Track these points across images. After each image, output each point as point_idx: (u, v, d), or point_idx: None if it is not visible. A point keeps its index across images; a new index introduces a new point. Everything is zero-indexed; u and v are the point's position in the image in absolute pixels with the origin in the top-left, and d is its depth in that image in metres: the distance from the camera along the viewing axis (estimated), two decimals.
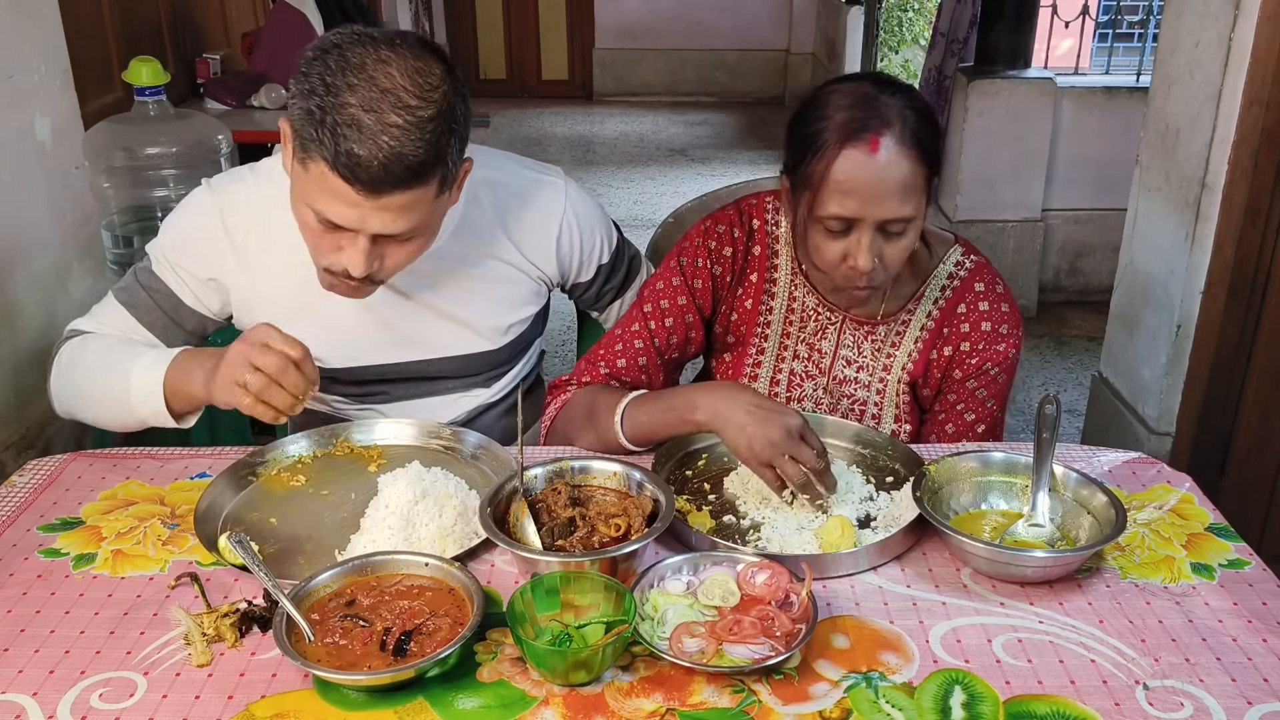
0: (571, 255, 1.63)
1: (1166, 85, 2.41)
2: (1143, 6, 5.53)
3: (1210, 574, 1.22)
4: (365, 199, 1.24)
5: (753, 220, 1.59)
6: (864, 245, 1.36)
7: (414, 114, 1.22)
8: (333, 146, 1.21)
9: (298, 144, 1.26)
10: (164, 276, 1.53)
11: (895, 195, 1.34)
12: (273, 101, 3.70)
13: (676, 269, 1.58)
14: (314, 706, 1.02)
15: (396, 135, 1.21)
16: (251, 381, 1.28)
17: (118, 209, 2.64)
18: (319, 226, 1.30)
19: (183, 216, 1.54)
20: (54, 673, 1.07)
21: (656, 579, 1.17)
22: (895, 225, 1.36)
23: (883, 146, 1.33)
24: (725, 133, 7.36)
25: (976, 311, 1.53)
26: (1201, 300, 2.32)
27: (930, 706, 1.02)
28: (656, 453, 1.43)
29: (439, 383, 1.62)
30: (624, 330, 1.58)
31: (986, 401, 1.54)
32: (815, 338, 1.59)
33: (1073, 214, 4.34)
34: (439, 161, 1.26)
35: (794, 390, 1.62)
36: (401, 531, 1.23)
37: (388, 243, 1.32)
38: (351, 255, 1.30)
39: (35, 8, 2.47)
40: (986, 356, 1.52)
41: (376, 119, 1.20)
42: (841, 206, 1.35)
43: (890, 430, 1.58)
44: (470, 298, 1.57)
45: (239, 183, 1.52)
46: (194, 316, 1.55)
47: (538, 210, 1.59)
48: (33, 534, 1.30)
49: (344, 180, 1.22)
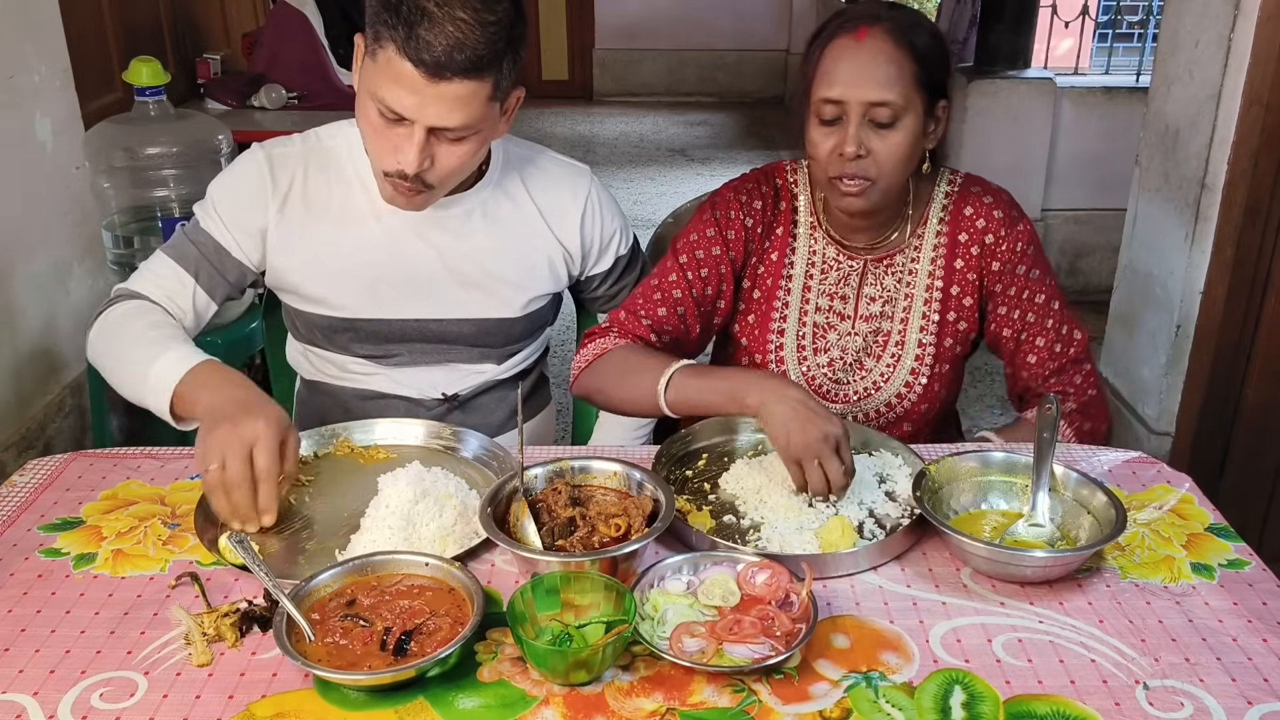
0: (593, 237, 1.70)
1: (1166, 85, 2.41)
2: (1143, 6, 5.53)
3: (1210, 574, 1.22)
4: (427, 83, 1.35)
5: (776, 179, 1.66)
6: (850, 132, 1.43)
7: (478, 14, 1.35)
8: (404, 31, 1.33)
9: (371, 36, 1.39)
10: (210, 229, 1.59)
11: (878, 78, 1.42)
12: (273, 102, 3.70)
13: (711, 220, 1.62)
14: (314, 706, 1.03)
15: (461, 28, 1.34)
16: (209, 475, 1.25)
17: (118, 209, 2.64)
18: (381, 121, 1.41)
19: (233, 171, 1.62)
20: (54, 672, 1.07)
21: (656, 579, 1.17)
22: (881, 112, 1.42)
23: (869, 35, 1.43)
24: (725, 133, 7.36)
25: (983, 205, 1.59)
26: (1201, 300, 2.32)
27: (930, 706, 1.02)
28: (657, 453, 1.43)
29: (453, 348, 1.66)
30: (661, 281, 1.62)
31: (1045, 279, 1.58)
32: (837, 287, 1.63)
33: (1072, 214, 4.34)
34: (495, 62, 1.38)
35: (818, 342, 1.64)
36: (402, 531, 1.23)
37: (439, 141, 1.42)
38: (406, 150, 1.41)
39: (35, 8, 2.47)
40: (1015, 237, 1.57)
41: (446, 12, 1.34)
42: (829, 90, 1.44)
43: (915, 354, 1.61)
44: (498, 262, 1.63)
45: (289, 141, 1.63)
46: (237, 268, 1.60)
47: (566, 189, 1.68)
48: (33, 534, 1.30)
49: (410, 62, 1.34)
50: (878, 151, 1.44)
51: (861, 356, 1.63)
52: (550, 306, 1.75)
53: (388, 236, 1.58)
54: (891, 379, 1.62)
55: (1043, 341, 1.58)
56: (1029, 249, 1.58)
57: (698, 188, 5.40)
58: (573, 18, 8.14)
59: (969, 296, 1.61)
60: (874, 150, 1.44)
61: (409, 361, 1.66)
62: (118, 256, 2.62)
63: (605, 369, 1.57)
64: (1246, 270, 2.27)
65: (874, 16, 1.44)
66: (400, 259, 1.59)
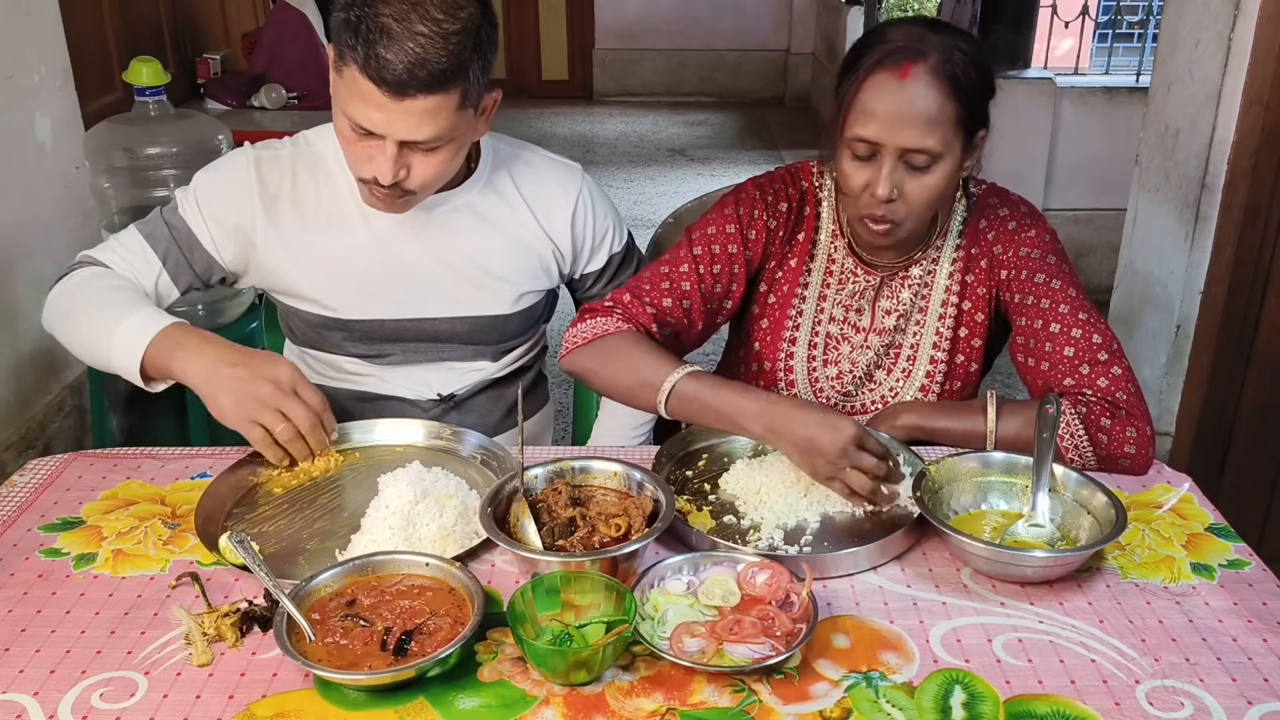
0: (585, 235, 1.69)
1: (1166, 85, 2.41)
2: (1143, 6, 5.53)
3: (1210, 574, 1.22)
4: (391, 101, 1.34)
5: (802, 181, 1.61)
6: (884, 173, 1.37)
7: (440, 26, 1.33)
8: (364, 51, 1.32)
9: (336, 54, 1.37)
10: (187, 216, 1.58)
11: (918, 124, 1.35)
12: (273, 102, 3.70)
13: (733, 216, 1.58)
14: (315, 706, 1.03)
15: (421, 43, 1.32)
16: (282, 431, 1.37)
17: (118, 209, 2.64)
18: (353, 135, 1.40)
19: (219, 165, 1.61)
20: (55, 672, 1.07)
21: (657, 579, 1.17)
22: (918, 158, 1.37)
23: (912, 74, 1.35)
24: (725, 133, 7.36)
25: (997, 218, 1.55)
26: (1201, 300, 2.32)
27: (930, 706, 1.02)
28: (657, 453, 1.43)
29: (448, 347, 1.66)
30: (671, 270, 1.56)
31: (1068, 289, 1.47)
32: (853, 299, 1.59)
33: (1072, 214, 4.34)
34: (460, 73, 1.36)
35: (830, 353, 1.61)
36: (402, 531, 1.23)
37: (413, 152, 1.41)
38: (380, 162, 1.40)
39: (35, 8, 2.47)
40: (1022, 243, 1.51)
41: (405, 28, 1.32)
42: (865, 128, 1.37)
43: (925, 371, 1.57)
44: (489, 259, 1.62)
45: (278, 144, 1.62)
46: (205, 259, 1.59)
47: (557, 186, 1.67)
48: (33, 534, 1.30)
49: (372, 82, 1.33)
50: (911, 194, 1.39)
51: (872, 370, 1.61)
52: (544, 302, 1.74)
53: (377, 237, 1.58)
54: (901, 394, 1.59)
55: (1058, 348, 1.44)
56: (1041, 255, 1.50)
57: (698, 188, 5.41)
58: (573, 18, 8.14)
59: (981, 312, 1.56)
60: (907, 193, 1.39)
61: (403, 360, 1.66)
62: None
63: (605, 353, 1.49)
64: (1246, 270, 2.27)
65: (918, 51, 1.35)
66: (390, 259, 1.59)
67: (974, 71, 1.37)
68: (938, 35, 1.37)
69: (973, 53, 1.38)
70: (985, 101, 1.41)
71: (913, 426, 1.48)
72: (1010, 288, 1.52)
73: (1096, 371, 1.42)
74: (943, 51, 1.35)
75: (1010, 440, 1.40)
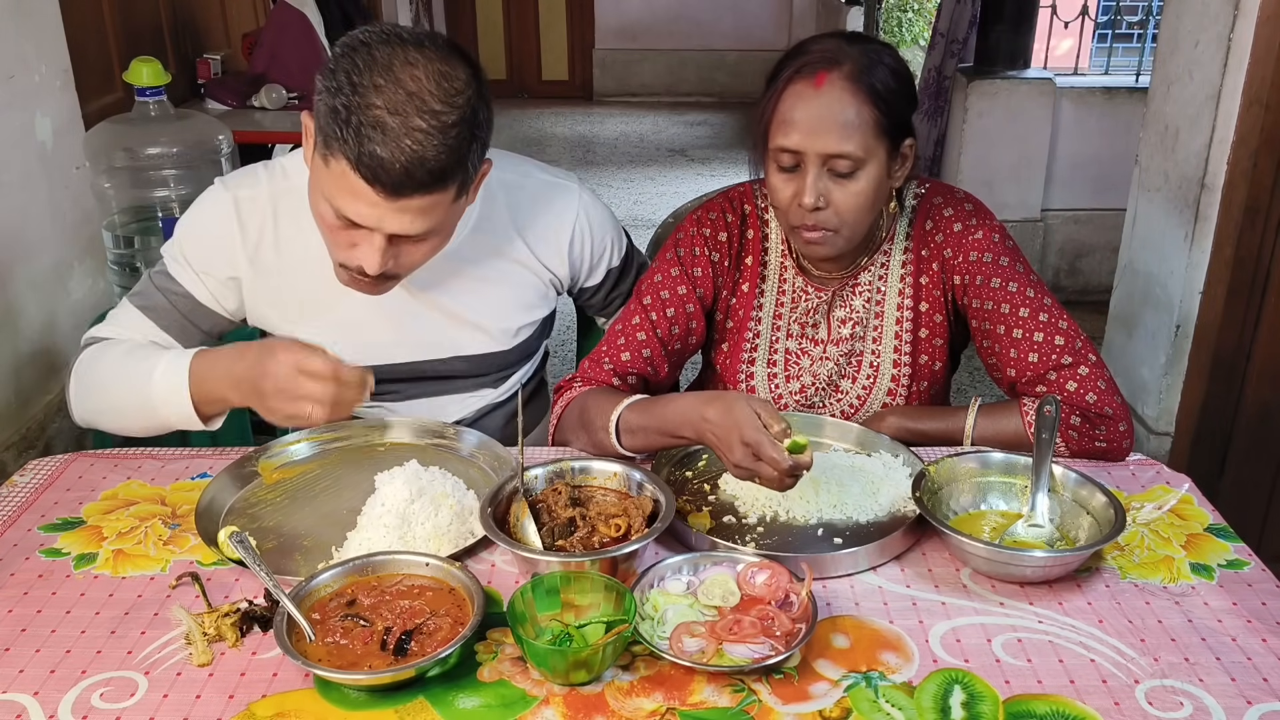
0: (583, 259, 1.64)
1: (1166, 85, 2.41)
2: (1142, 7, 5.53)
3: (1209, 574, 1.22)
4: (385, 200, 1.24)
5: (743, 205, 1.61)
6: (809, 181, 1.39)
7: (438, 119, 1.22)
8: (356, 147, 1.21)
9: (320, 139, 1.26)
10: (179, 277, 1.52)
11: (835, 129, 1.37)
12: (273, 102, 3.70)
13: (674, 260, 1.58)
14: (315, 706, 1.03)
15: (419, 139, 1.21)
16: (315, 414, 1.30)
17: (118, 209, 2.64)
18: (337, 223, 1.30)
19: (198, 215, 1.53)
20: (55, 672, 1.07)
21: (656, 579, 1.17)
22: (840, 163, 1.38)
23: (827, 82, 1.37)
24: (725, 133, 7.36)
25: (942, 218, 1.53)
26: (1201, 300, 2.32)
27: (930, 706, 1.02)
28: (657, 453, 1.43)
29: (449, 382, 1.62)
30: (625, 325, 1.56)
31: (1025, 290, 1.47)
32: (808, 315, 1.59)
33: (1072, 214, 4.34)
34: (460, 167, 1.27)
35: (790, 369, 1.61)
36: (397, 530, 1.23)
37: (403, 242, 1.32)
38: (367, 253, 1.31)
39: (35, 8, 2.47)
40: (971, 247, 1.50)
41: (401, 122, 1.21)
42: (786, 138, 1.39)
43: (890, 375, 1.58)
44: (483, 300, 1.57)
45: (254, 180, 1.52)
46: (210, 316, 1.54)
47: (552, 214, 1.60)
48: (34, 534, 1.30)
49: (365, 181, 1.23)
50: (838, 202, 1.40)
51: (836, 379, 1.61)
52: (544, 324, 1.69)
53: None
54: (868, 400, 1.59)
55: (1022, 354, 1.45)
56: (994, 258, 1.49)
57: (698, 188, 5.40)
58: (573, 18, 8.15)
59: (939, 313, 1.56)
60: (834, 201, 1.40)
61: (404, 397, 1.62)
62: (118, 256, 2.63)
63: (569, 421, 1.50)
64: (1246, 270, 2.26)
65: (833, 60, 1.38)
66: (384, 307, 1.51)
67: (893, 80, 1.40)
68: (854, 46, 1.40)
69: (891, 63, 1.41)
70: (908, 110, 1.44)
71: (899, 428, 1.52)
72: (966, 293, 1.52)
73: (1064, 375, 1.44)
74: (858, 60, 1.38)
75: (985, 437, 1.48)
